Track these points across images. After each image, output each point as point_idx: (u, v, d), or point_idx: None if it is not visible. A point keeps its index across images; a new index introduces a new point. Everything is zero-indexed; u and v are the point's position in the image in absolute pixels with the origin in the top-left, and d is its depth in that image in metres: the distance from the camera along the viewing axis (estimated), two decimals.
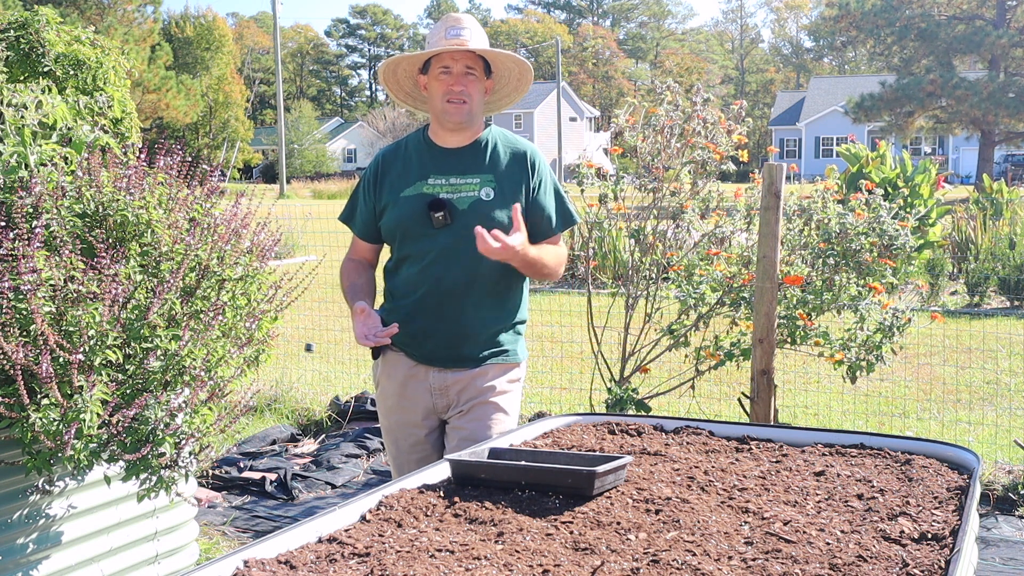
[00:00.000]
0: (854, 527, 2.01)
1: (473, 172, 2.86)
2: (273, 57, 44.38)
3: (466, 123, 2.85)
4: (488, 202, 2.83)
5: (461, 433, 2.92)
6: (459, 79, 2.80)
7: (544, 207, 2.92)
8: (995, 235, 11.81)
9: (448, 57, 2.80)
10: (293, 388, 6.51)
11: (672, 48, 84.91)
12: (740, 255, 4.84)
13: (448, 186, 2.84)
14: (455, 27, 2.82)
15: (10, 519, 2.72)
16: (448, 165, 2.86)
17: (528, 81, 3.01)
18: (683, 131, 4.86)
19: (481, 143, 2.90)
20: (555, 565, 1.79)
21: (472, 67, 2.82)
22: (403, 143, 2.97)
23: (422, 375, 2.92)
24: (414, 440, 2.99)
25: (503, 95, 3.04)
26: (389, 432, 3.04)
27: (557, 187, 2.99)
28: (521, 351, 3.02)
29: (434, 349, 2.90)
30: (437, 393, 2.93)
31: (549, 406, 6.24)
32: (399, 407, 2.98)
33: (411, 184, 2.85)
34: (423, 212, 2.80)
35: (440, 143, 2.90)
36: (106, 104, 3.68)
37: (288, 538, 1.93)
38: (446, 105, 2.81)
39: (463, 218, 2.80)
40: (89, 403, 2.26)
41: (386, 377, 2.98)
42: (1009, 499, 4.60)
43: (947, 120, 36.06)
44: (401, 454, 3.01)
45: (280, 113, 41.20)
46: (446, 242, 2.81)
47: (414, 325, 2.87)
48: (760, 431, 2.76)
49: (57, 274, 2.37)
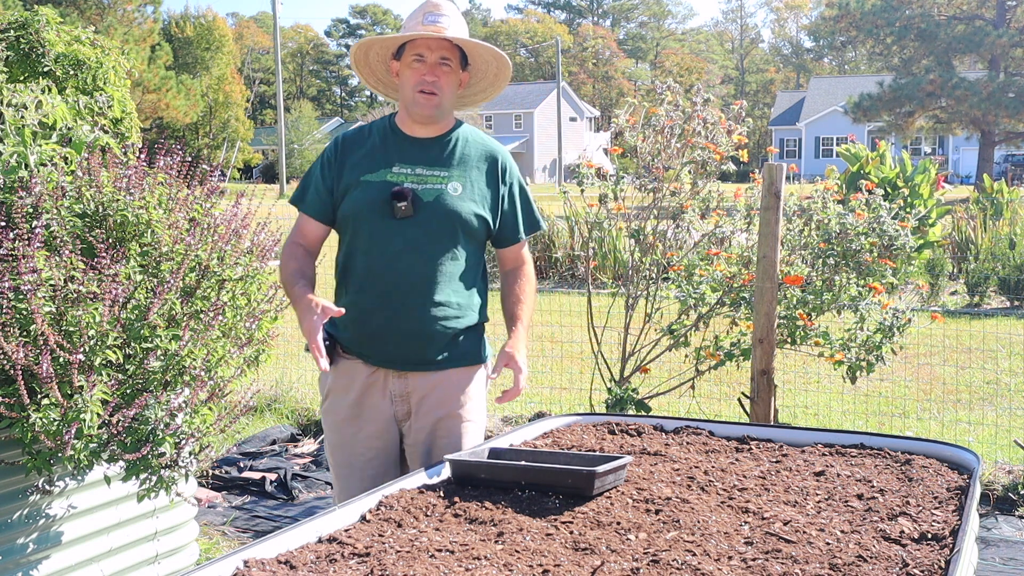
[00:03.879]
0: (854, 527, 2.01)
1: (441, 165, 2.72)
2: (273, 57, 44.38)
3: (436, 116, 2.71)
4: (455, 197, 2.70)
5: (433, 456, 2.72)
6: (432, 69, 2.66)
7: (512, 214, 2.83)
8: (995, 235, 11.81)
9: (423, 44, 2.65)
10: (293, 388, 6.51)
11: (672, 48, 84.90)
12: (740, 255, 4.84)
13: (414, 176, 2.69)
14: (433, 13, 2.67)
15: (10, 519, 2.72)
16: (415, 155, 2.72)
17: (505, 78, 2.88)
18: (683, 131, 4.86)
19: (451, 137, 2.77)
20: (555, 565, 1.79)
21: (448, 58, 2.68)
22: (367, 128, 2.82)
23: (381, 381, 2.74)
24: (371, 455, 2.78)
25: (478, 90, 2.90)
26: (341, 448, 2.80)
27: (526, 193, 2.89)
28: (484, 350, 2.86)
29: (395, 350, 2.71)
30: (397, 400, 2.75)
31: (549, 406, 6.24)
32: (356, 418, 2.76)
33: (375, 170, 2.70)
34: (386, 200, 2.65)
35: (408, 132, 2.75)
36: (106, 104, 3.68)
37: (288, 538, 1.93)
38: (417, 95, 2.67)
39: (427, 210, 2.67)
40: (89, 403, 2.26)
41: (340, 389, 2.77)
42: (1009, 499, 4.60)
43: (947, 120, 36.05)
44: (354, 472, 2.79)
45: (280, 113, 41.17)
46: (408, 234, 2.66)
47: (373, 324, 2.69)
48: (760, 431, 2.77)
49: (57, 274, 2.37)
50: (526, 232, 2.87)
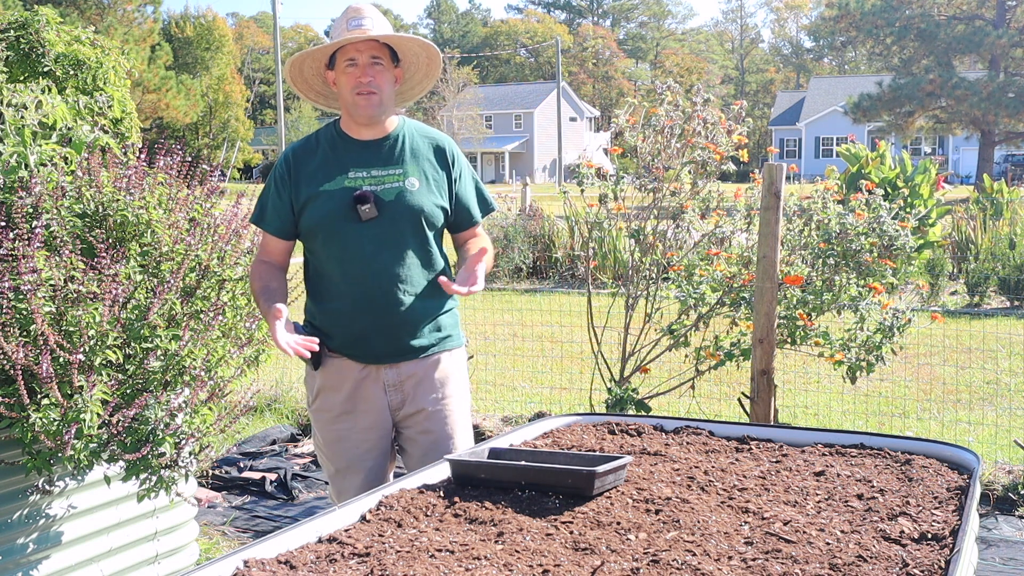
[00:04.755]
0: (854, 527, 2.01)
1: (394, 163, 2.79)
2: (273, 57, 44.38)
3: (378, 115, 2.76)
4: (414, 192, 2.77)
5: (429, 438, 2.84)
6: (366, 70, 2.71)
7: (466, 198, 2.90)
8: (995, 235, 11.80)
9: (352, 49, 2.71)
10: (293, 388, 6.51)
11: (672, 48, 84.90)
12: (740, 255, 4.84)
13: (371, 178, 2.76)
14: (356, 18, 2.73)
15: (10, 519, 2.72)
16: (367, 158, 2.78)
17: (437, 64, 2.91)
18: (683, 131, 4.87)
19: (398, 134, 2.83)
20: (555, 565, 1.79)
21: (378, 56, 2.73)
22: (313, 138, 2.87)
23: (374, 374, 2.81)
24: (367, 447, 2.85)
25: (414, 83, 2.95)
26: (336, 442, 2.86)
27: (475, 176, 2.97)
28: (461, 333, 2.98)
29: (384, 346, 2.79)
30: (392, 390, 2.83)
31: (549, 406, 6.24)
32: (352, 412, 2.83)
33: (331, 179, 2.75)
34: (348, 205, 2.71)
35: (355, 136, 2.81)
36: (106, 104, 3.69)
37: (288, 538, 1.93)
38: (356, 98, 2.72)
39: (390, 209, 2.74)
40: (89, 403, 2.26)
41: (332, 387, 2.83)
42: (1009, 499, 4.60)
43: (947, 120, 36.04)
44: (352, 467, 2.86)
45: (280, 113, 41.13)
46: (376, 234, 2.73)
47: (356, 326, 2.77)
48: (760, 431, 2.76)
49: (57, 274, 2.37)
50: (482, 214, 2.96)
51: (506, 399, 6.54)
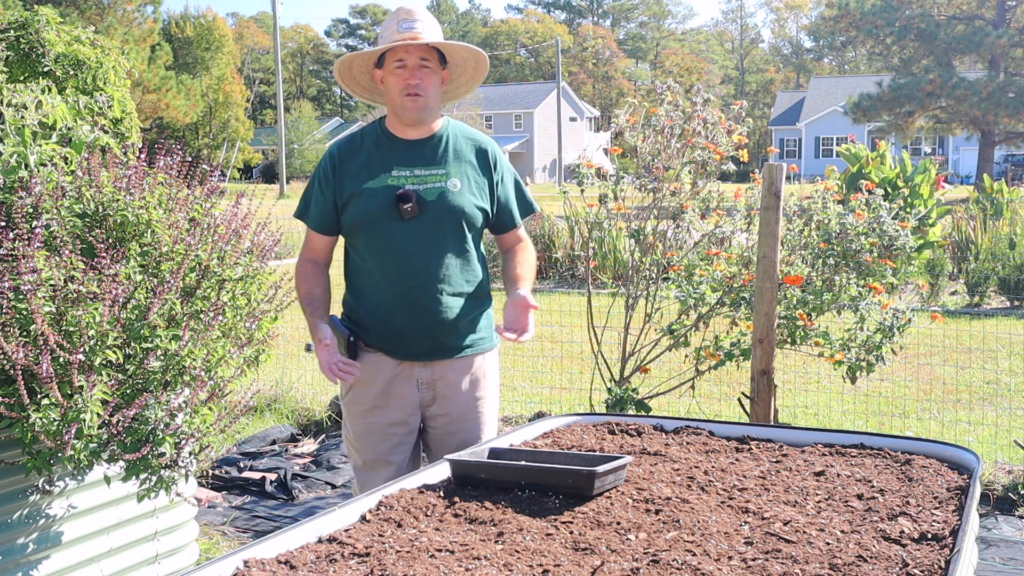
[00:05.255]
0: (854, 527, 2.01)
1: (437, 163, 2.85)
2: (273, 57, 44.36)
3: (424, 117, 2.83)
4: (455, 192, 2.83)
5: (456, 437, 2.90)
6: (415, 72, 2.77)
7: (507, 200, 2.97)
8: (995, 235, 11.80)
9: (402, 50, 2.77)
10: (293, 388, 6.51)
11: (672, 48, 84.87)
12: (740, 255, 4.84)
13: (414, 177, 2.82)
14: (407, 20, 2.78)
15: (10, 519, 2.72)
16: (411, 157, 2.84)
17: (484, 69, 2.98)
18: (683, 131, 4.86)
19: (442, 135, 2.89)
20: (555, 565, 1.79)
21: (427, 59, 2.79)
22: (358, 136, 2.94)
23: (408, 371, 2.88)
24: (395, 441, 2.91)
25: (459, 84, 3.02)
26: (367, 435, 2.92)
27: (516, 178, 3.03)
28: (495, 336, 3.03)
29: (419, 344, 2.85)
30: (424, 387, 2.89)
31: (549, 406, 6.24)
32: (384, 407, 2.89)
33: (375, 176, 2.81)
34: (391, 204, 2.78)
35: (400, 135, 2.87)
36: (106, 104, 3.68)
37: (288, 538, 1.93)
38: (404, 100, 2.78)
39: (431, 209, 2.80)
40: (89, 403, 2.26)
41: (365, 381, 2.87)
42: (1009, 499, 4.60)
43: (947, 120, 36.02)
44: (379, 458, 2.92)
45: (280, 113, 41.17)
46: (417, 233, 2.79)
47: (393, 323, 2.83)
48: (760, 431, 2.77)
49: (57, 274, 2.37)
50: (522, 216, 3.03)
51: (506, 399, 6.54)
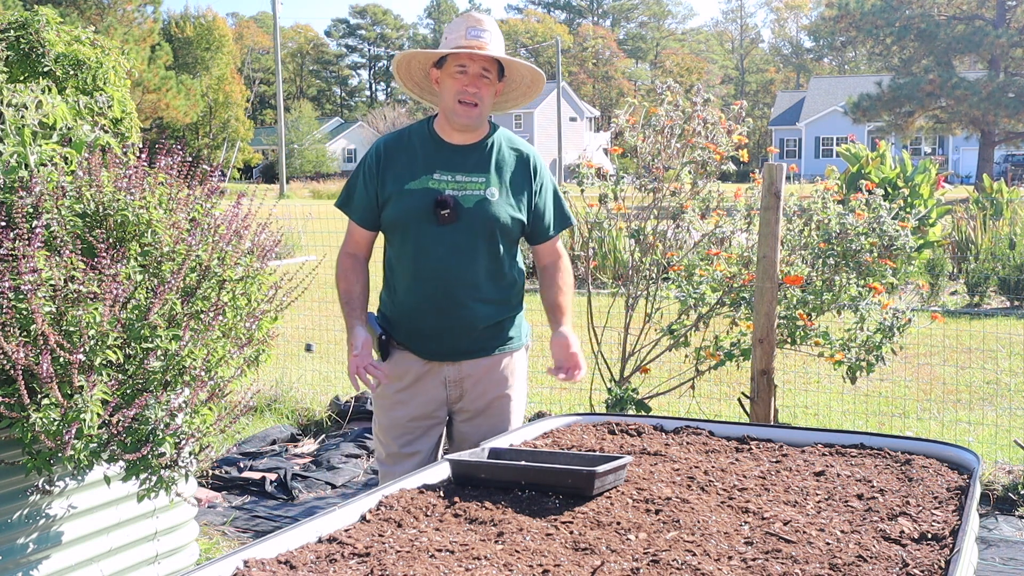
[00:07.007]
0: (854, 527, 2.01)
1: (479, 171, 2.87)
2: (273, 57, 44.37)
3: (474, 125, 2.87)
4: (493, 202, 2.86)
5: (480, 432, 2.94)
6: (474, 80, 2.81)
7: (544, 212, 2.98)
8: (995, 235, 11.80)
9: (466, 57, 2.80)
10: (293, 388, 6.51)
11: (672, 48, 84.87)
12: (740, 255, 4.84)
13: (454, 183, 2.85)
14: (476, 28, 2.81)
15: (10, 519, 2.72)
16: (454, 162, 2.87)
17: (539, 89, 3.05)
18: (683, 131, 4.86)
19: (487, 143, 2.92)
20: (555, 565, 1.79)
21: (488, 70, 2.83)
22: (406, 133, 2.96)
23: (436, 369, 2.93)
24: (419, 434, 2.98)
25: (511, 98, 3.07)
26: (392, 428, 2.99)
27: (556, 190, 3.04)
28: (525, 332, 3.07)
29: (446, 345, 2.91)
30: (452, 385, 2.95)
31: (549, 406, 6.24)
32: (410, 402, 2.95)
33: (416, 177, 2.85)
34: (429, 207, 2.81)
35: (447, 139, 2.90)
36: (106, 104, 3.68)
37: (288, 538, 1.93)
38: (457, 105, 2.81)
39: (468, 216, 2.82)
40: (89, 403, 2.26)
41: (394, 377, 2.94)
42: (1009, 499, 4.60)
43: (947, 120, 36.01)
44: (403, 451, 2.98)
45: (280, 113, 41.19)
46: (452, 238, 2.82)
47: (421, 323, 2.89)
48: (760, 431, 2.77)
49: (57, 274, 2.37)
50: (557, 229, 3.04)
51: None
